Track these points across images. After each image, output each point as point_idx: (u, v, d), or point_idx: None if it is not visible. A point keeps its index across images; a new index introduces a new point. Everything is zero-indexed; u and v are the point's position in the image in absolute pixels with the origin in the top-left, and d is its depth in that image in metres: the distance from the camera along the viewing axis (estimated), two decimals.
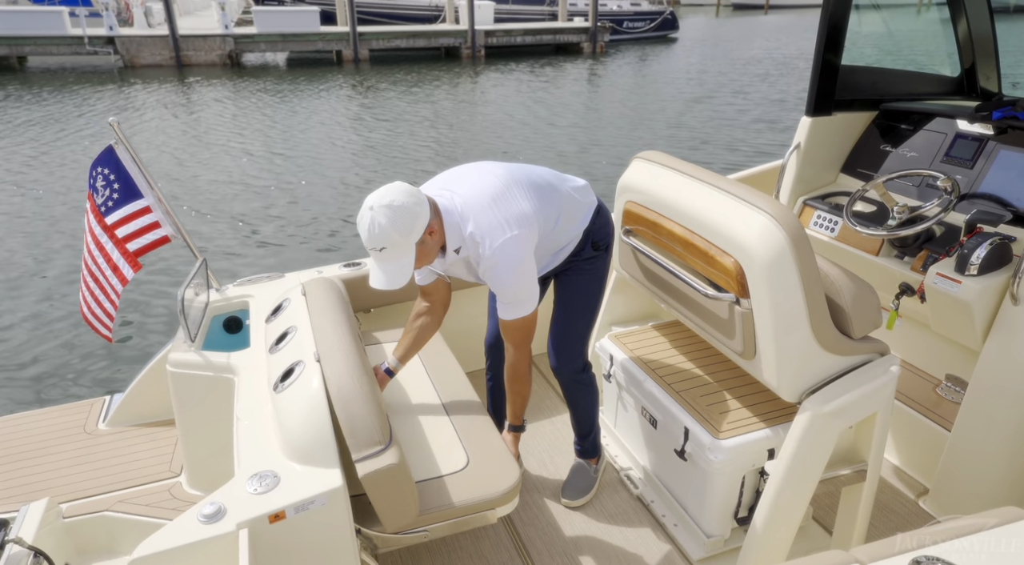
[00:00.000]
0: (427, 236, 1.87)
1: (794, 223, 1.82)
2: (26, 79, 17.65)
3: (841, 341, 1.93)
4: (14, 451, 2.59)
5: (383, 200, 1.78)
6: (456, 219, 1.95)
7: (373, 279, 1.86)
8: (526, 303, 2.03)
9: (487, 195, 1.97)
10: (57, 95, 15.37)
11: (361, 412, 1.68)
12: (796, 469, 1.94)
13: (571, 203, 2.18)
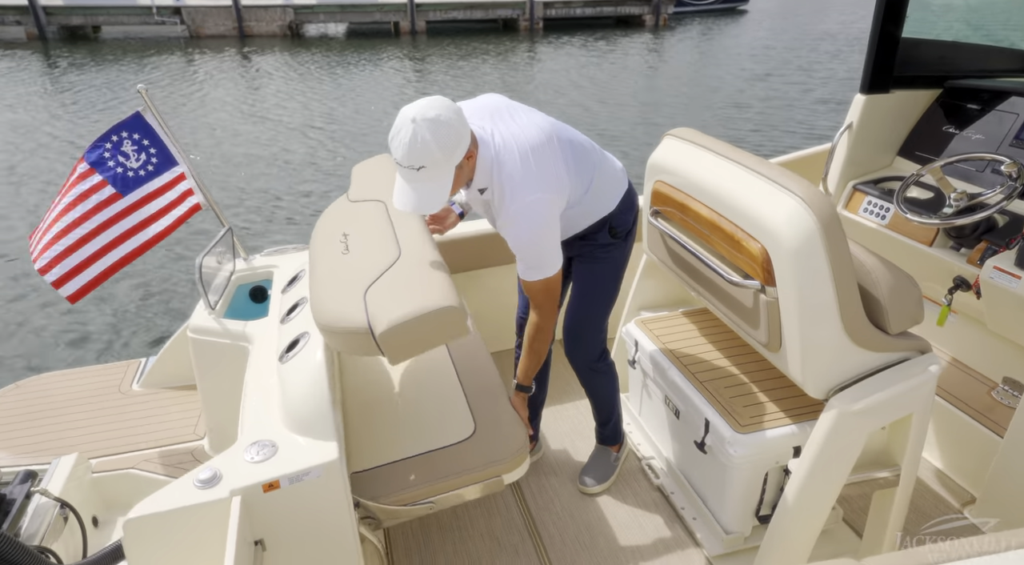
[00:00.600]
0: (465, 161, 1.72)
1: (826, 207, 1.69)
2: (99, 47, 18.35)
3: (875, 336, 1.80)
4: (54, 406, 2.70)
5: (428, 113, 1.62)
6: (490, 156, 1.79)
7: (401, 200, 1.69)
8: (547, 265, 1.88)
9: (528, 144, 1.81)
10: (127, 63, 15.92)
11: (333, 308, 1.65)
12: (820, 470, 1.83)
13: (604, 178, 2.06)
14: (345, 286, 1.71)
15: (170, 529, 1.48)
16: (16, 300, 5.54)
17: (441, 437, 1.95)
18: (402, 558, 2.20)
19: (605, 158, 2.10)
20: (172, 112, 11.45)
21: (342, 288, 1.71)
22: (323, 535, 1.64)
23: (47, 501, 2.03)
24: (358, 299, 1.63)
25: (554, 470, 2.56)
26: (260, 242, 6.52)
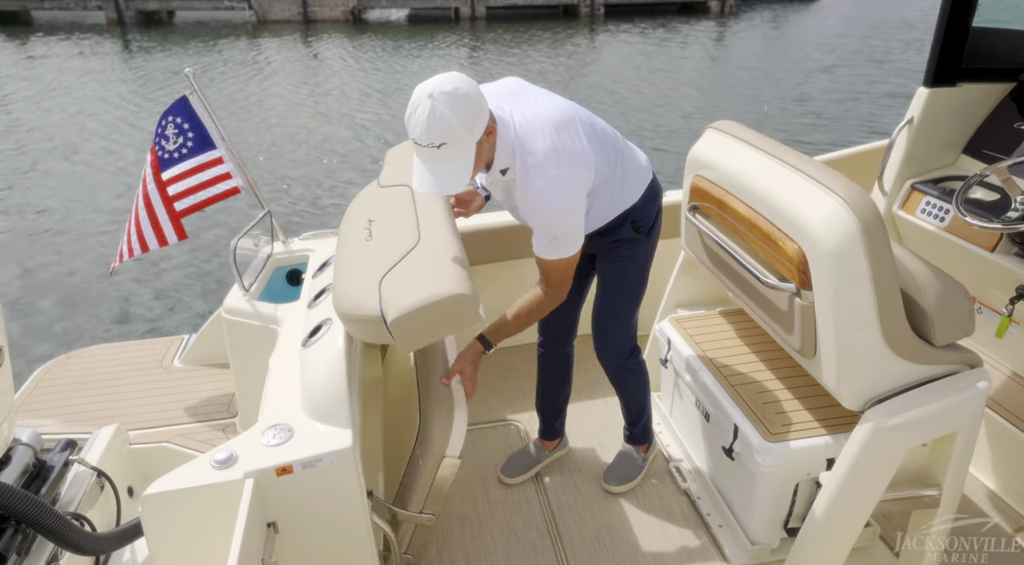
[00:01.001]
0: (485, 137, 1.65)
1: (868, 209, 1.58)
2: (172, 32, 19.08)
3: (918, 347, 1.68)
4: (100, 378, 2.82)
5: (445, 87, 1.55)
6: (511, 135, 1.71)
7: (421, 182, 1.62)
8: (567, 245, 1.78)
9: (550, 121, 1.74)
10: (195, 47, 16.48)
11: (354, 294, 1.67)
12: (852, 485, 1.74)
13: (627, 168, 1.98)
14: (363, 273, 1.70)
15: (185, 507, 1.51)
16: (71, 274, 5.82)
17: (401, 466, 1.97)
18: (421, 546, 2.20)
19: (628, 148, 2.02)
20: (231, 95, 11.79)
21: (360, 276, 1.70)
22: (335, 521, 1.65)
23: (85, 470, 2.12)
24: (373, 287, 1.62)
25: (579, 468, 2.52)
26: (307, 225, 6.66)
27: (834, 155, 3.03)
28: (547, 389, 2.44)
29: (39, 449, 2.03)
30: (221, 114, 9.07)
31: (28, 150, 9.07)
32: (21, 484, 1.92)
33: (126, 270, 5.83)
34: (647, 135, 9.37)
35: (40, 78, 13.44)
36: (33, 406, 2.65)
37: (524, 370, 3.05)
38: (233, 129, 9.68)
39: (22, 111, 11.02)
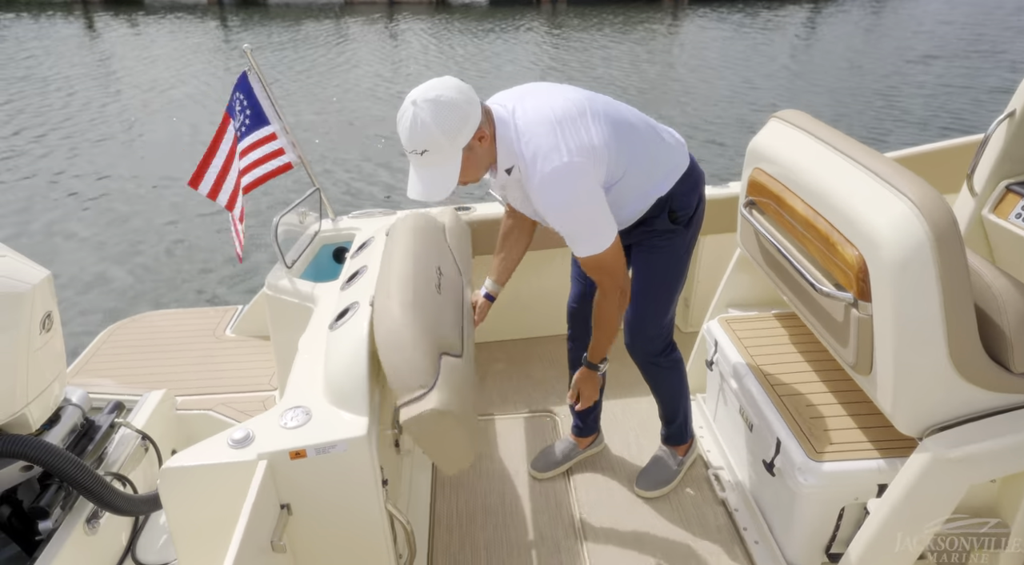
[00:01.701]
0: (476, 142, 1.63)
1: (943, 215, 1.41)
2: (267, 12, 19.77)
3: (992, 372, 1.50)
4: (156, 342, 2.94)
5: (428, 94, 1.56)
6: (511, 134, 1.68)
7: (411, 189, 1.65)
8: (595, 237, 1.71)
9: (553, 115, 1.68)
10: (284, 27, 17.02)
11: (402, 357, 1.61)
12: (901, 517, 1.58)
13: (657, 156, 1.85)
14: (427, 337, 1.68)
15: (201, 482, 1.53)
16: (158, 237, 6.14)
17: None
18: (443, 533, 2.18)
19: (659, 134, 1.88)
20: (310, 74, 12.08)
21: (425, 337, 1.67)
22: (349, 508, 1.64)
23: (130, 432, 2.21)
24: (432, 364, 1.64)
25: (612, 467, 2.43)
26: (361, 204, 6.77)
27: (918, 149, 2.78)
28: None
29: (87, 409, 2.12)
30: (295, 92, 9.23)
31: (131, 118, 9.62)
32: (69, 443, 2.01)
33: (197, 238, 6.08)
34: (706, 127, 8.95)
35: (147, 52, 14.25)
36: (94, 367, 2.78)
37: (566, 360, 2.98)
38: (304, 106, 9.96)
39: (128, 81, 11.69)
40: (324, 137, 8.81)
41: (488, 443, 2.55)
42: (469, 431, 1.63)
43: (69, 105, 10.38)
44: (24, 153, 8.38)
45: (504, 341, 3.14)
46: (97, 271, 5.59)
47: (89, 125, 9.43)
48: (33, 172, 7.78)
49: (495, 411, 2.73)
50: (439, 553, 2.11)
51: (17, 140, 8.85)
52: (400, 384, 1.58)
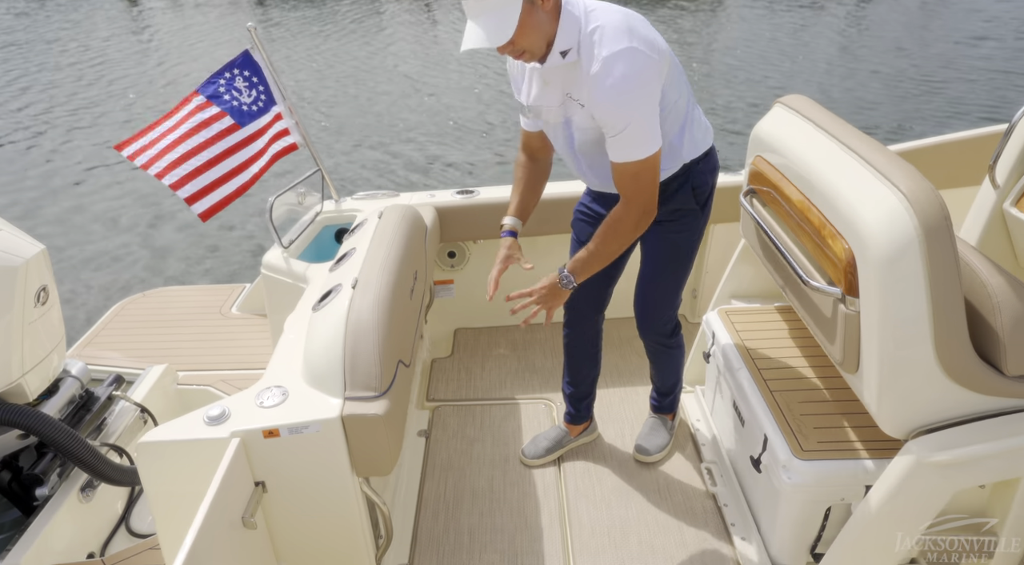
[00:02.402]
0: (540, 1, 1.54)
1: (935, 209, 1.34)
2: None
3: (982, 374, 1.43)
4: (165, 318, 3.00)
5: None
6: (577, 12, 1.59)
7: (467, 39, 1.53)
8: (643, 139, 1.61)
9: (623, 11, 1.61)
10: (327, 2, 17.07)
11: (366, 352, 1.62)
12: (883, 521, 1.53)
13: (692, 117, 1.82)
14: (391, 340, 1.70)
15: (175, 457, 1.56)
16: (158, 220, 6.25)
17: None
18: (428, 517, 2.20)
19: (696, 105, 1.86)
20: (344, 53, 12.10)
21: (388, 341, 1.68)
22: (324, 488, 1.66)
23: (129, 404, 2.27)
24: (389, 370, 1.65)
25: (604, 456, 2.41)
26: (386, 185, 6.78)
27: (941, 139, 2.65)
28: (573, 369, 2.35)
29: (87, 381, 2.18)
30: (322, 69, 9.13)
31: (157, 92, 9.80)
32: (67, 413, 2.08)
33: (218, 216, 6.14)
34: (724, 113, 8.68)
35: (184, 29, 14.46)
36: (103, 340, 2.86)
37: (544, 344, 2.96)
38: (332, 85, 10.00)
39: (162, 55, 11.88)
40: (347, 117, 8.84)
41: (482, 428, 2.55)
42: (397, 441, 1.66)
43: (102, 78, 10.60)
44: (55, 125, 8.59)
45: (508, 327, 3.13)
46: (118, 244, 5.73)
47: (116, 99, 9.62)
48: (63, 143, 7.99)
49: (492, 396, 2.73)
50: (423, 536, 2.13)
51: (50, 115, 9.08)
52: (353, 378, 1.59)
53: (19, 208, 6.41)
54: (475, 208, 2.79)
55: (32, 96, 9.90)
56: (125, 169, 7.24)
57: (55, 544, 1.91)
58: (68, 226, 6.07)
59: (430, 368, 2.90)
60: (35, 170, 7.33)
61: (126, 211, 6.35)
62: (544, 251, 2.87)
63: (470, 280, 3.04)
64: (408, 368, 1.88)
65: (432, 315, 3.08)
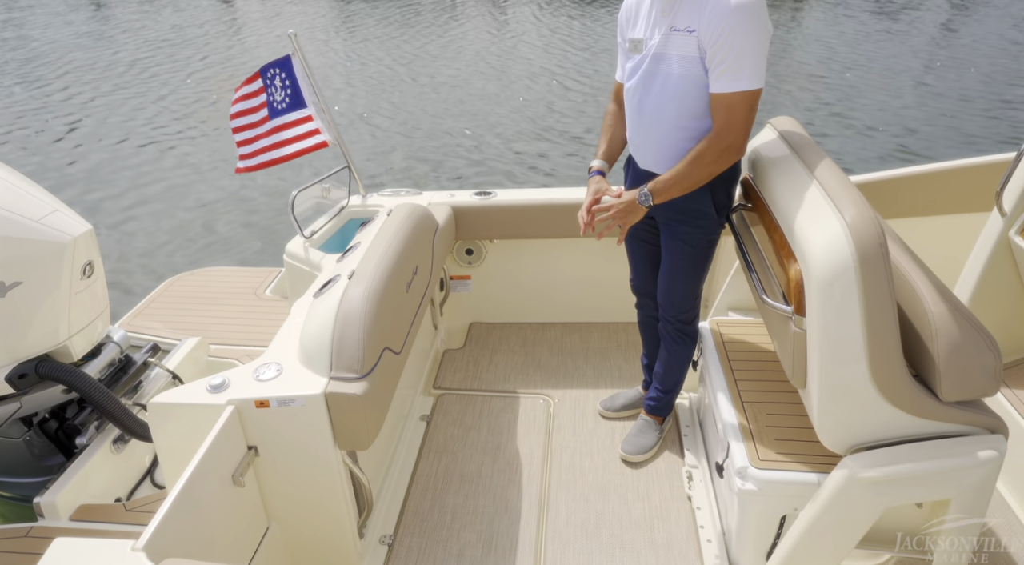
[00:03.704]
0: None
1: (871, 237, 1.40)
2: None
3: (918, 397, 1.48)
4: (206, 295, 3.29)
5: None
6: None
7: None
8: (753, 69, 1.73)
9: None
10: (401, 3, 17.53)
11: (352, 337, 1.80)
12: (815, 534, 1.60)
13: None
14: (377, 328, 1.87)
15: (180, 418, 1.78)
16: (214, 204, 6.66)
17: None
18: (418, 494, 2.37)
19: None
20: (415, 52, 12.43)
21: (375, 328, 1.86)
22: (308, 456, 1.85)
23: (162, 371, 2.53)
24: (373, 355, 1.83)
25: (592, 452, 2.52)
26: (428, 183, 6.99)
27: (954, 164, 2.62)
28: (646, 343, 2.58)
29: (126, 347, 2.46)
30: (391, 65, 9.33)
31: None
32: (107, 374, 2.36)
33: (265, 202, 6.50)
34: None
35: (272, 20, 15.21)
36: (152, 311, 3.17)
37: (574, 349, 3.07)
38: (394, 81, 10.32)
39: (247, 46, 12.55)
40: (409, 115, 9.12)
41: (480, 417, 2.71)
42: (377, 420, 1.83)
43: (189, 65, 11.30)
44: (141, 110, 9.24)
45: (521, 324, 3.27)
46: (177, 224, 6.17)
47: (198, 89, 10.24)
48: (151, 127, 8.59)
49: (495, 388, 2.87)
50: (409, 511, 2.30)
51: (139, 98, 9.76)
52: (339, 360, 1.77)
53: (102, 192, 6.97)
54: (492, 209, 2.94)
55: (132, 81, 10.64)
56: (204, 151, 7.75)
57: (88, 487, 2.18)
58: (152, 207, 6.58)
59: (441, 357, 3.07)
60: (126, 161, 7.92)
61: (191, 191, 6.82)
62: (558, 252, 3.00)
63: (487, 276, 3.20)
64: (398, 355, 2.05)
65: (449, 308, 3.25)
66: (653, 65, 1.92)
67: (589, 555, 2.12)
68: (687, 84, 1.85)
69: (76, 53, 12.28)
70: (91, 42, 13.13)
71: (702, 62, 1.81)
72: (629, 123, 2.08)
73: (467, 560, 2.10)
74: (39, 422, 2.25)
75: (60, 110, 9.32)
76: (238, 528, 1.77)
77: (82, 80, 10.66)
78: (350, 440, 1.82)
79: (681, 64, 1.85)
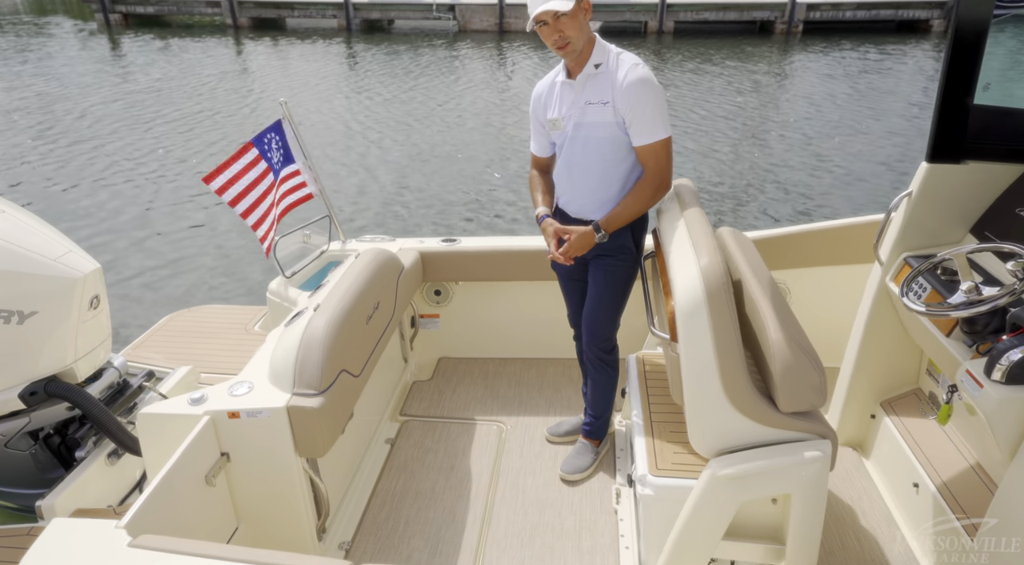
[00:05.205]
0: (585, 11, 2.20)
1: (717, 278, 1.75)
2: (390, 37, 21.44)
3: (762, 408, 1.80)
4: (201, 330, 3.64)
5: None
6: (605, 45, 2.30)
7: (540, 6, 2.14)
8: (662, 123, 2.24)
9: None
10: (404, 51, 18.42)
11: (312, 359, 2.14)
12: (690, 528, 1.89)
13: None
14: (335, 353, 2.21)
15: (164, 427, 2.11)
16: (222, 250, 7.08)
17: None
18: (376, 506, 2.66)
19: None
20: (423, 98, 13.09)
21: (333, 352, 2.19)
22: (273, 462, 2.16)
23: (155, 395, 2.87)
24: (330, 375, 2.16)
25: (534, 472, 2.81)
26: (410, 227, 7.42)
27: (864, 219, 2.98)
28: (583, 372, 2.86)
29: (124, 373, 2.80)
30: (397, 112, 9.98)
31: None
32: (105, 396, 2.69)
33: None
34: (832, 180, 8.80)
35: (287, 67, 16.06)
36: (151, 343, 3.52)
37: (530, 382, 3.39)
38: (404, 125, 10.90)
39: (261, 94, 13.25)
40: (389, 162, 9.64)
41: (438, 441, 3.01)
42: (332, 431, 2.15)
43: (201, 112, 11.96)
44: (151, 153, 9.81)
45: (485, 359, 3.59)
46: (178, 264, 6.59)
47: (210, 131, 10.84)
48: (159, 169, 9.13)
49: (454, 416, 3.18)
50: (367, 521, 2.59)
51: (150, 142, 10.35)
52: (299, 378, 2.11)
53: (111, 233, 7.43)
54: (456, 254, 3.30)
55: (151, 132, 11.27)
56: (200, 203, 8.24)
57: (85, 494, 2.49)
58: (146, 244, 7.01)
59: (410, 388, 3.39)
60: (135, 200, 8.42)
61: (195, 234, 7.27)
62: (517, 294, 3.35)
63: (454, 315, 3.54)
64: (357, 377, 2.38)
65: (419, 344, 3.58)
66: (576, 132, 2.36)
67: (522, 560, 2.40)
68: (606, 142, 2.32)
69: (94, 97, 13.01)
70: (106, 87, 13.90)
71: (616, 124, 2.28)
72: (561, 180, 2.49)
73: (414, 563, 2.39)
74: (44, 437, 2.58)
75: (77, 155, 9.89)
76: (210, 525, 2.08)
77: (98, 125, 11.30)
78: (308, 448, 2.14)
79: (600, 128, 2.31)
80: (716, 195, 8.22)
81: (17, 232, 2.32)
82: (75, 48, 19.20)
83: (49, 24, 24.21)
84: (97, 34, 21.66)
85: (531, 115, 2.54)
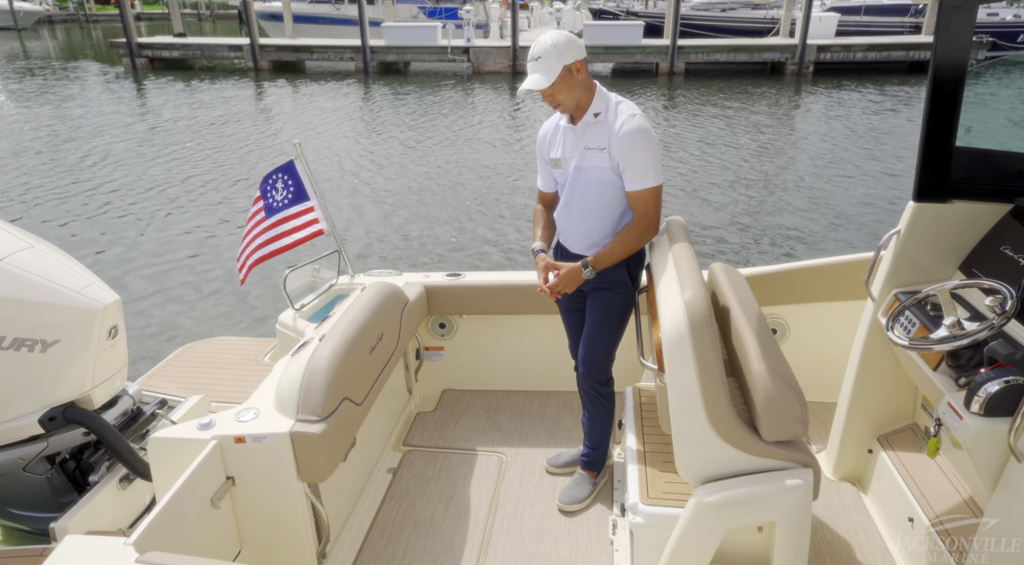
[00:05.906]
0: (575, 71, 2.34)
1: (699, 311, 1.83)
2: (406, 79, 22.06)
3: (745, 437, 1.86)
4: (212, 361, 3.76)
5: (560, 30, 2.40)
6: (606, 94, 2.45)
7: (521, 87, 2.36)
8: (654, 171, 2.37)
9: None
10: (426, 92, 18.93)
11: (315, 388, 2.23)
12: (676, 555, 1.94)
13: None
14: (338, 382, 2.32)
15: (175, 451, 2.20)
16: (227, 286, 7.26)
17: None
18: (376, 534, 2.71)
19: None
20: (434, 137, 13.42)
21: (336, 382, 2.30)
22: (276, 486, 2.24)
23: (167, 421, 2.96)
24: (332, 403, 2.25)
25: (532, 502, 2.86)
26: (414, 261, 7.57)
27: (859, 256, 3.05)
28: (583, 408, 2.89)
29: (138, 400, 2.90)
30: (409, 151, 10.24)
31: None
32: (120, 422, 2.79)
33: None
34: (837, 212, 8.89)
35: (305, 107, 16.55)
36: (167, 373, 3.64)
37: (531, 414, 3.45)
38: (419, 162, 11.17)
39: (287, 131, 13.65)
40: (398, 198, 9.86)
41: (439, 471, 3.07)
42: (333, 457, 2.22)
43: (219, 152, 12.34)
44: (166, 188, 10.11)
45: (488, 391, 3.67)
46: (195, 296, 6.76)
47: (226, 171, 11.17)
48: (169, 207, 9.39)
49: (456, 447, 3.24)
50: (367, 549, 2.64)
51: (168, 176, 10.67)
52: (303, 405, 2.20)
53: (132, 264, 7.65)
54: (461, 288, 3.41)
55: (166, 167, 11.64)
56: (213, 235, 8.46)
57: (97, 517, 2.57)
58: (176, 282, 7.20)
59: (414, 419, 3.46)
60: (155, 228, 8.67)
61: (212, 267, 7.46)
62: (520, 328, 3.43)
63: (458, 348, 3.63)
64: (359, 406, 2.46)
65: (424, 376, 3.67)
66: (576, 174, 2.50)
67: None
68: (603, 185, 2.45)
69: (114, 135, 13.47)
70: (116, 127, 14.40)
71: (612, 169, 2.41)
72: (562, 218, 2.61)
73: None
74: (60, 461, 2.68)
75: (99, 185, 10.22)
76: (214, 546, 2.15)
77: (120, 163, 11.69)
78: (310, 473, 2.21)
79: (597, 172, 2.44)
80: (725, 232, 8.32)
81: (43, 265, 2.46)
82: (101, 90, 19.93)
83: (78, 68, 25.16)
84: (122, 78, 22.46)
85: (537, 152, 2.70)
